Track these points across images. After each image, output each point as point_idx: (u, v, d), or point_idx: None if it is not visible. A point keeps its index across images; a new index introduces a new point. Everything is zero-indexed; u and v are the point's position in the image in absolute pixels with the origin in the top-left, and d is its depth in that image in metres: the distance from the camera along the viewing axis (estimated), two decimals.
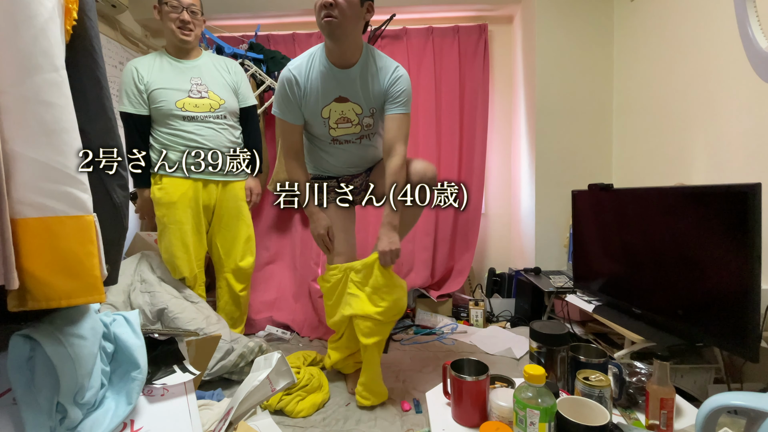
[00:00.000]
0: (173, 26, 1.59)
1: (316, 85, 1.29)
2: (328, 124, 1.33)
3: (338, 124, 1.33)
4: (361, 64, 1.29)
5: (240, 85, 1.77)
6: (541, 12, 2.15)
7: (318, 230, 1.41)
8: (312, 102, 1.30)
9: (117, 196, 0.84)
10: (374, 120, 1.36)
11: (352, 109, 1.31)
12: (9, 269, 0.59)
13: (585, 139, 2.19)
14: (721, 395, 0.71)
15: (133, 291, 1.56)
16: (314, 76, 1.29)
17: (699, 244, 1.16)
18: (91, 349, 0.77)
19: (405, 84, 1.30)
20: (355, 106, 1.31)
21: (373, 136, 1.41)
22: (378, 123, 1.38)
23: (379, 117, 1.37)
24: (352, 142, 1.38)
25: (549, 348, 1.06)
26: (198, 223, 1.68)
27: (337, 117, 1.32)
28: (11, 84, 0.59)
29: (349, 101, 1.30)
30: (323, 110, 1.31)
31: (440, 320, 2.18)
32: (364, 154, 1.44)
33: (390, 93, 1.30)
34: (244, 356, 1.48)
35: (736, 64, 1.36)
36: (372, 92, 1.31)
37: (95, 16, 0.78)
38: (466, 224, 2.38)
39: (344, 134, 1.36)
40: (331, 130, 1.34)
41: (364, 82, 1.30)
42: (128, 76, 1.58)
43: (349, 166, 1.46)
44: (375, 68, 1.30)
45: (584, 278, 1.71)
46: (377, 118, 1.37)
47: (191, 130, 1.61)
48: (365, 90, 1.30)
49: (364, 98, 1.31)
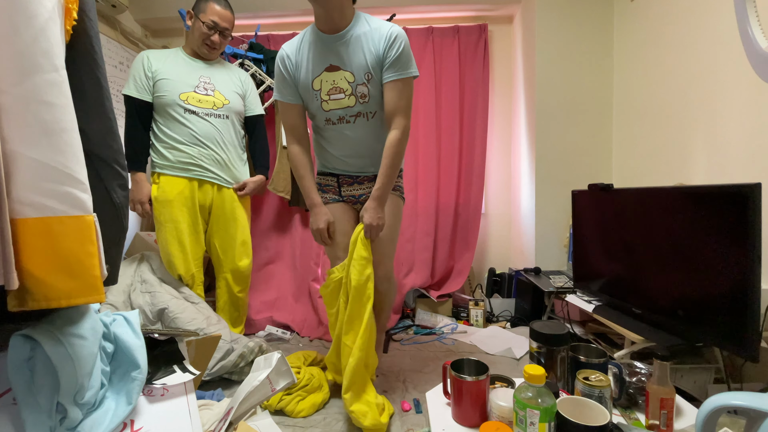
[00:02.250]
0: (201, 41, 1.66)
1: (307, 55, 1.24)
2: (320, 97, 1.25)
3: (330, 95, 1.24)
4: (352, 27, 1.22)
5: (249, 95, 1.83)
6: (541, 12, 2.15)
7: (317, 224, 1.33)
8: (303, 75, 1.26)
9: (117, 196, 0.84)
10: (370, 90, 1.24)
11: (344, 77, 1.22)
12: (9, 269, 0.59)
13: (585, 139, 2.19)
14: (721, 395, 0.71)
15: (134, 291, 1.56)
16: (305, 48, 1.26)
17: (699, 244, 1.16)
18: (91, 349, 0.77)
19: (402, 44, 1.20)
20: (347, 74, 1.22)
21: (371, 117, 1.28)
22: (376, 98, 1.26)
23: (378, 89, 1.25)
24: (347, 120, 1.28)
25: (549, 348, 1.06)
26: (195, 222, 1.68)
27: (328, 87, 1.24)
28: (11, 84, 0.59)
29: (341, 69, 1.22)
30: (314, 81, 1.24)
31: (440, 320, 2.18)
32: (364, 143, 1.32)
33: (387, 57, 1.20)
34: (244, 356, 1.48)
35: (736, 64, 1.36)
36: (366, 53, 1.21)
37: (95, 16, 0.78)
38: (466, 224, 2.38)
39: (337, 108, 1.26)
40: (324, 103, 1.26)
41: (357, 44, 1.21)
42: (138, 62, 1.63)
43: (348, 157, 1.36)
44: (368, 27, 1.23)
45: (584, 278, 1.71)
46: (374, 88, 1.24)
47: (190, 124, 1.63)
48: (357, 53, 1.21)
49: (357, 62, 1.22)
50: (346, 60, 1.23)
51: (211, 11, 1.62)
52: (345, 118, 1.28)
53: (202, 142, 1.65)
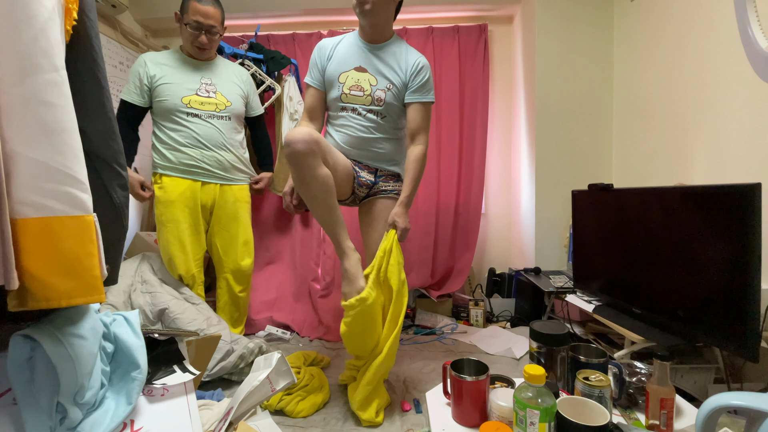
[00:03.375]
0: (190, 43, 1.65)
1: (342, 52, 1.41)
2: (342, 90, 1.40)
3: (351, 90, 1.39)
4: (390, 42, 1.42)
5: (251, 96, 1.84)
6: (541, 12, 2.15)
7: (285, 188, 1.47)
8: (334, 66, 1.40)
9: (117, 196, 0.84)
10: (386, 98, 1.39)
11: (367, 79, 1.39)
12: (9, 269, 0.59)
13: (585, 139, 2.19)
14: (721, 395, 0.71)
15: (134, 292, 1.56)
16: (343, 45, 1.42)
17: (699, 244, 1.16)
18: (91, 349, 0.77)
19: (429, 72, 1.40)
20: (371, 77, 1.39)
21: (381, 118, 1.41)
22: (390, 106, 1.40)
23: (394, 100, 1.40)
24: (359, 113, 1.40)
25: (549, 348, 1.07)
26: (196, 222, 1.69)
27: (351, 83, 1.39)
28: (11, 84, 0.59)
29: (367, 72, 1.38)
30: (341, 75, 1.40)
31: (440, 320, 2.18)
32: (367, 141, 1.43)
33: (414, 81, 1.39)
34: (244, 358, 1.48)
35: (736, 64, 1.36)
36: (393, 68, 1.39)
37: (95, 16, 0.78)
38: (466, 224, 2.38)
39: (354, 102, 1.40)
40: (343, 95, 1.40)
41: (389, 57, 1.39)
42: (136, 68, 1.63)
43: (350, 146, 1.43)
44: (404, 48, 1.42)
45: (584, 278, 1.71)
46: (391, 98, 1.39)
47: (193, 126, 1.63)
48: (386, 64, 1.39)
49: (384, 72, 1.39)
50: (375, 67, 1.40)
51: (193, 11, 1.58)
52: (358, 110, 1.41)
53: (205, 144, 1.65)
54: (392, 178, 1.50)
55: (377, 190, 1.47)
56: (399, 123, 1.48)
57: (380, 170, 1.47)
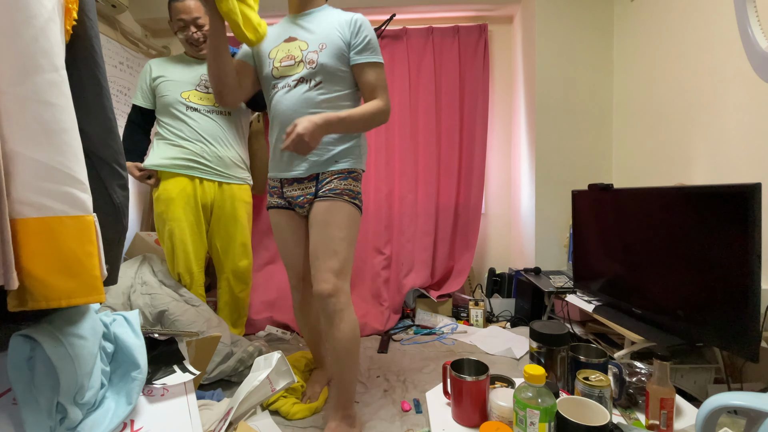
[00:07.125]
0: (184, 42, 1.70)
1: (273, 31, 1.33)
2: (273, 64, 1.28)
3: (282, 62, 1.27)
4: (322, 8, 1.31)
5: None
6: (541, 12, 2.16)
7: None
8: (264, 44, 1.32)
9: (117, 196, 0.84)
10: (319, 58, 1.21)
11: (297, 46, 1.26)
12: (9, 269, 0.59)
13: (585, 139, 2.19)
14: (721, 395, 0.71)
15: (134, 293, 1.56)
16: (274, 27, 1.34)
17: (699, 244, 1.16)
18: (91, 349, 0.77)
19: (370, 29, 1.26)
20: (301, 43, 1.26)
21: (313, 86, 1.22)
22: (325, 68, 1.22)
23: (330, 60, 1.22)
24: (288, 85, 1.24)
25: (549, 348, 1.06)
26: (197, 221, 1.68)
27: (282, 56, 1.27)
28: (11, 84, 0.59)
29: (297, 39, 1.27)
30: (272, 51, 1.30)
31: (440, 320, 2.18)
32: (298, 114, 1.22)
33: (356, 42, 1.24)
34: (244, 361, 1.48)
35: (736, 64, 1.36)
36: (326, 27, 1.25)
37: (95, 16, 0.78)
38: (466, 224, 2.38)
39: (285, 74, 1.26)
40: (275, 69, 1.28)
41: (319, 19, 1.27)
42: (142, 72, 1.74)
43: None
44: (336, 11, 1.30)
45: (584, 278, 1.71)
46: (325, 58, 1.21)
47: (192, 121, 1.65)
48: (317, 25, 1.26)
49: (315, 33, 1.25)
50: (304, 33, 1.27)
51: (175, 11, 1.63)
52: (288, 83, 1.25)
53: (204, 138, 1.65)
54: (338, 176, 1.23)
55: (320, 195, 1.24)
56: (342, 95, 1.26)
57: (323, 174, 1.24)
